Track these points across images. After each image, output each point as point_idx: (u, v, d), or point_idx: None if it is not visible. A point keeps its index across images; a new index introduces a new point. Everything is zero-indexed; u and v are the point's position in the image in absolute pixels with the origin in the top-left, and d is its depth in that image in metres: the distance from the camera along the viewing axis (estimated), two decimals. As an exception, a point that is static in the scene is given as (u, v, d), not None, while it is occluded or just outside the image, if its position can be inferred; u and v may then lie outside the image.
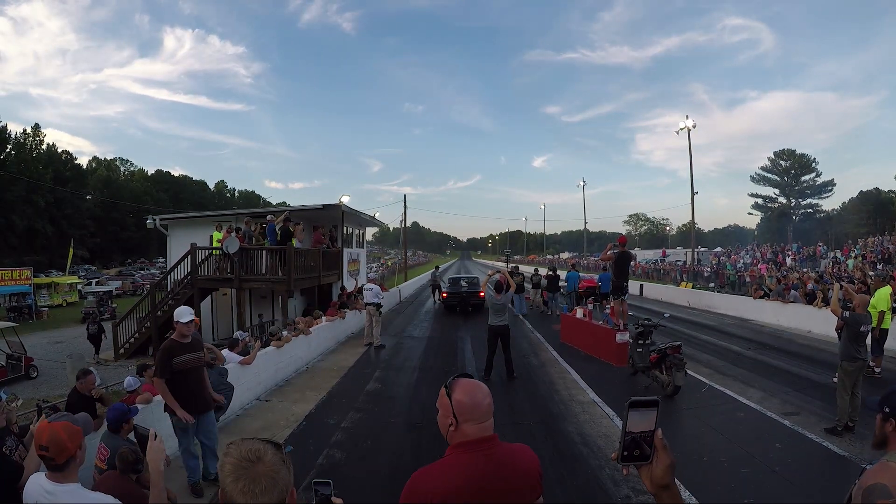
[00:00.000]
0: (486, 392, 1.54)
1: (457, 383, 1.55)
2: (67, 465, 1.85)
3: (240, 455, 1.08)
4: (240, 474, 1.05)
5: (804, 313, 12.89)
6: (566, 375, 8.32)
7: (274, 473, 1.07)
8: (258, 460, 1.07)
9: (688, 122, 26.26)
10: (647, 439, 1.03)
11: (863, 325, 5.59)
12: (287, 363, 8.58)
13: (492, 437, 1.51)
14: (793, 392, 7.15)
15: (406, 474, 1.53)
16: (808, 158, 62.80)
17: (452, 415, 1.50)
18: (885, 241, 28.22)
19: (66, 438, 1.84)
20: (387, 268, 48.21)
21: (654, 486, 1.04)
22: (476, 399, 1.50)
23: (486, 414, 1.50)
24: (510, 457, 1.52)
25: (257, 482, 1.04)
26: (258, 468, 1.06)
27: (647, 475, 1.04)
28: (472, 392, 1.52)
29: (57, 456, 1.82)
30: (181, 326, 4.24)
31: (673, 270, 33.64)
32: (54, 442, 1.83)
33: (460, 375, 1.59)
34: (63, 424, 1.91)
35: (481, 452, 1.47)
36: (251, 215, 14.20)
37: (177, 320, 4.25)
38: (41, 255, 45.08)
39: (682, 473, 4.53)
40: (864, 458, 4.78)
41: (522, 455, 1.56)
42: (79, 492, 1.86)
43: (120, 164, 74.12)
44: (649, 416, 1.02)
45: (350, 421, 6.26)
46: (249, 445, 1.11)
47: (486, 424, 1.50)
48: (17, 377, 12.02)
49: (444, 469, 1.48)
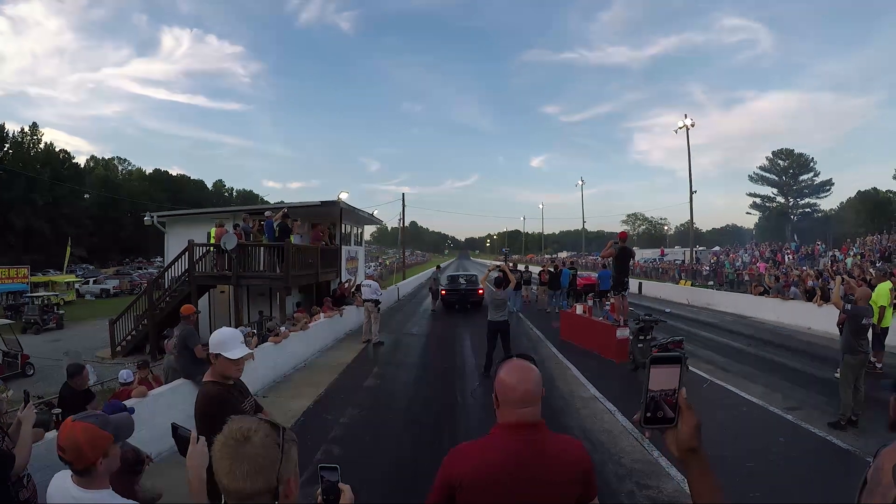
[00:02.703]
0: (530, 378, 1.44)
1: (507, 362, 1.51)
2: (90, 471, 1.61)
3: (230, 433, 1.02)
4: (224, 453, 0.99)
5: (804, 310, 12.86)
6: (567, 371, 8.26)
7: (260, 457, 0.98)
8: (245, 440, 1.00)
9: (686, 120, 26.28)
10: (670, 399, 0.95)
11: (864, 318, 5.57)
12: (285, 359, 8.50)
13: (535, 423, 1.43)
14: (794, 388, 7.12)
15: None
16: (807, 158, 62.96)
17: (494, 392, 1.48)
18: (883, 240, 28.24)
19: (84, 443, 1.58)
20: (385, 267, 48.13)
21: (681, 451, 0.96)
22: (513, 382, 1.43)
23: (521, 400, 1.42)
24: (554, 447, 1.45)
25: (240, 464, 0.97)
26: (245, 449, 0.99)
27: (673, 439, 0.96)
28: (514, 373, 1.45)
29: (75, 461, 1.60)
30: (226, 364, 2.37)
31: (671, 269, 33.60)
32: (71, 446, 1.59)
33: (520, 355, 1.54)
34: (85, 426, 1.61)
35: (521, 438, 1.40)
36: (249, 212, 14.11)
37: (218, 352, 2.37)
38: (39, 254, 44.89)
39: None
40: (869, 451, 4.73)
41: (568, 447, 1.49)
42: (109, 499, 1.63)
43: (118, 164, 73.80)
44: (672, 375, 0.95)
45: (348, 417, 6.19)
46: (241, 423, 1.04)
47: (525, 411, 1.42)
48: (14, 374, 11.93)
49: (482, 449, 1.44)
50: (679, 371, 0.95)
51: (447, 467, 1.45)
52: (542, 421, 1.46)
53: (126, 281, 35.50)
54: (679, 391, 0.95)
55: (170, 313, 11.68)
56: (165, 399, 5.37)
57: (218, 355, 2.36)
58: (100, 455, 1.61)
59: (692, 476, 0.97)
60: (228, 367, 2.37)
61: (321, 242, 14.08)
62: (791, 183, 63.40)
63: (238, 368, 2.43)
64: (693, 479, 0.97)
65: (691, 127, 26.15)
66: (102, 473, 1.64)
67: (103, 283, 34.06)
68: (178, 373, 5.83)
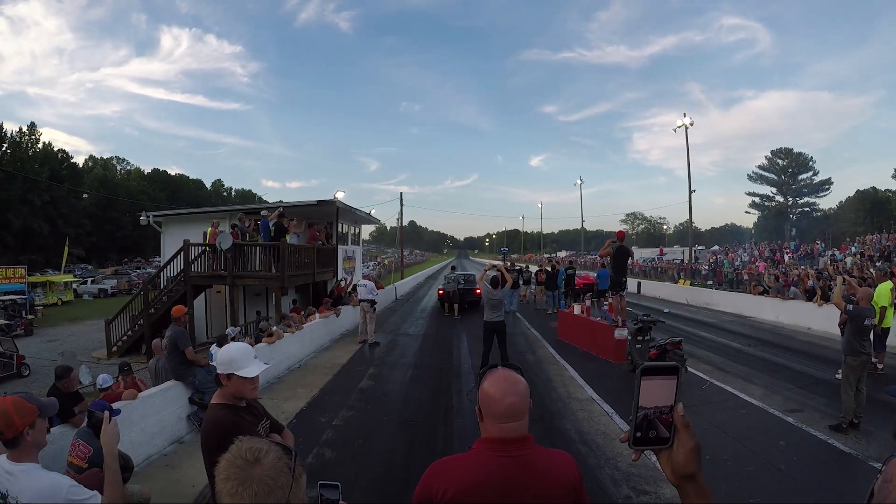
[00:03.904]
0: (516, 390, 1.35)
1: (491, 372, 1.41)
2: (18, 442, 1.81)
3: (238, 452, 0.96)
4: (231, 473, 0.93)
5: (804, 310, 12.78)
6: (563, 372, 8.18)
7: (270, 480, 0.92)
8: (255, 462, 0.94)
9: (685, 119, 26.17)
10: (665, 417, 0.83)
11: (867, 319, 5.48)
12: (279, 360, 8.40)
13: (521, 438, 1.34)
14: (795, 389, 7.03)
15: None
16: (806, 157, 62.87)
17: (478, 405, 1.39)
18: (883, 239, 28.18)
19: (14, 413, 1.79)
20: (383, 266, 48.05)
21: (677, 476, 0.84)
22: (498, 394, 1.34)
23: (506, 414, 1.32)
24: (542, 463, 1.35)
25: (248, 486, 0.91)
26: (253, 471, 0.93)
27: (667, 462, 0.84)
28: (499, 384, 1.36)
29: (5, 430, 1.79)
30: (240, 383, 2.11)
31: (670, 268, 33.55)
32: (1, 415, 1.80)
33: (506, 365, 1.45)
34: (14, 399, 1.85)
35: (506, 454, 1.31)
36: (245, 211, 14.02)
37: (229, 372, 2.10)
38: (37, 254, 44.78)
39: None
40: (871, 455, 4.65)
41: (557, 462, 1.39)
42: (36, 471, 1.82)
43: (116, 163, 73.64)
44: (667, 388, 0.82)
45: (342, 419, 6.10)
46: (252, 444, 0.98)
47: (510, 426, 1.33)
48: (9, 375, 11.83)
49: (464, 465, 1.35)
50: (675, 383, 0.82)
51: (426, 484, 1.36)
52: (530, 436, 1.37)
53: (124, 281, 35.37)
54: (675, 407, 0.83)
55: (165, 313, 11.58)
56: (155, 401, 5.29)
57: (230, 375, 2.09)
58: (26, 424, 1.81)
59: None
60: (243, 386, 2.11)
61: (317, 242, 13.98)
62: (790, 182, 63.33)
63: (254, 388, 2.17)
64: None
65: (690, 126, 26.06)
66: (30, 445, 1.82)
67: (101, 283, 33.93)
68: (168, 374, 5.74)
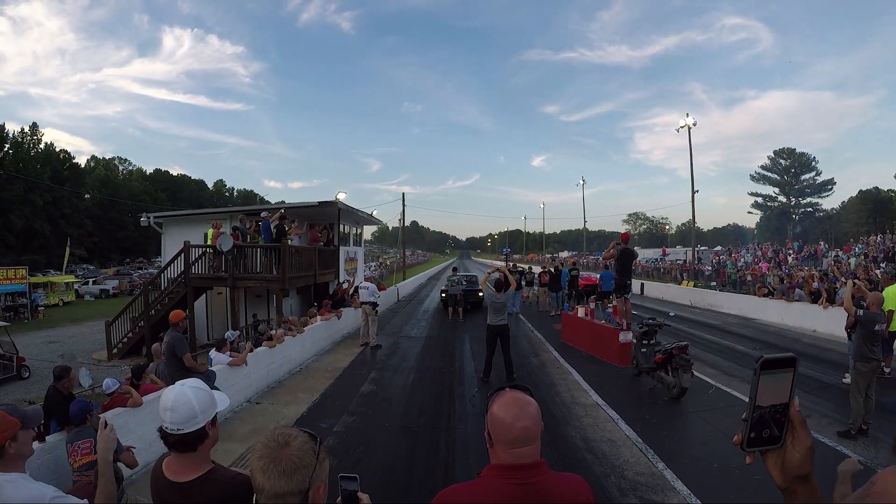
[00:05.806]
0: (528, 413, 1.28)
1: (500, 395, 1.33)
2: (1, 454, 1.78)
3: (271, 436, 1.12)
4: (264, 453, 1.08)
5: (809, 312, 12.67)
6: (567, 376, 8.09)
7: (297, 459, 1.07)
8: (286, 444, 1.10)
9: (688, 119, 26.04)
10: (779, 415, 0.76)
11: (877, 325, 5.39)
12: (280, 364, 8.34)
13: (533, 464, 1.27)
14: (802, 394, 6.93)
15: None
16: (808, 157, 62.59)
17: (487, 430, 1.32)
18: (887, 240, 28.00)
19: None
20: (385, 267, 47.98)
21: (788, 478, 0.76)
22: (509, 419, 1.26)
23: (519, 439, 1.25)
24: (554, 489, 1.28)
25: (277, 464, 1.06)
26: (283, 451, 1.08)
27: (777, 464, 0.77)
28: (510, 408, 1.28)
29: None
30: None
31: (673, 269, 33.43)
32: None
33: (514, 386, 1.37)
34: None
35: (516, 481, 1.25)
36: (246, 212, 13.96)
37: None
38: (39, 254, 44.84)
39: (691, 480, 4.31)
40: (881, 462, 4.57)
41: (569, 487, 1.32)
42: (21, 481, 1.79)
43: (118, 164, 73.77)
44: (783, 383, 0.76)
45: (343, 425, 6.02)
46: (283, 430, 1.14)
47: (522, 451, 1.26)
48: (9, 377, 11.78)
49: (472, 492, 1.28)
50: (792, 377, 0.76)
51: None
52: (542, 461, 1.30)
53: (126, 281, 35.34)
54: (791, 402, 0.76)
55: (166, 315, 11.50)
56: (153, 409, 5.22)
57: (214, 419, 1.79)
58: (7, 438, 1.79)
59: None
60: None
61: (319, 243, 13.91)
62: (792, 182, 63.06)
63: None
64: None
65: (693, 126, 25.93)
66: (14, 456, 1.81)
67: (103, 284, 33.89)
68: (167, 379, 5.67)
